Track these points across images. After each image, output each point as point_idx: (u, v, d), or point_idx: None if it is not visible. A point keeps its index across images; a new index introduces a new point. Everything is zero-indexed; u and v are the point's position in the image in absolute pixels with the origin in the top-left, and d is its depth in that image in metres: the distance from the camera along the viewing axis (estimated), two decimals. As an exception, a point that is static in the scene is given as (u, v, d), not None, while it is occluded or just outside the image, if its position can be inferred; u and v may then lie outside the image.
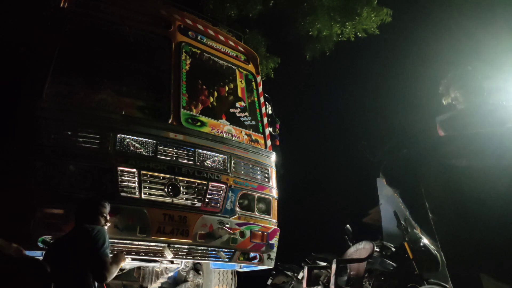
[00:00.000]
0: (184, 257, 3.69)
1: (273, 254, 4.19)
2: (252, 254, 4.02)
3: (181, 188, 3.67)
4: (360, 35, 8.35)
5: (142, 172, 3.50)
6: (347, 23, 8.10)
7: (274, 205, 4.37)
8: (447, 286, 3.71)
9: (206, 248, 3.72)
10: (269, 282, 7.24)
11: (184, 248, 3.62)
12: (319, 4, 8.03)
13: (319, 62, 9.33)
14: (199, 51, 4.49)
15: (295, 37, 8.82)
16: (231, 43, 4.91)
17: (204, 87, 4.89)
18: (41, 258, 3.16)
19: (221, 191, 3.92)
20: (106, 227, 3.08)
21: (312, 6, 8.11)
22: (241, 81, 4.84)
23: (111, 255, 3.00)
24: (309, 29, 8.28)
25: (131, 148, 3.54)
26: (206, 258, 3.80)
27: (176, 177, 3.66)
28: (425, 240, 4.25)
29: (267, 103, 4.97)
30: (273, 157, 4.57)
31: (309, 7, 8.17)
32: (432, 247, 4.20)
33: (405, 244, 4.24)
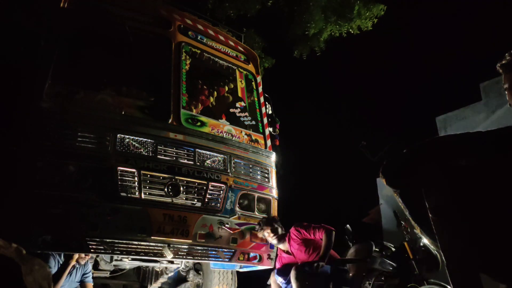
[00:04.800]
0: (184, 257, 3.69)
1: (273, 254, 4.20)
2: (252, 254, 4.02)
3: (181, 188, 3.67)
4: (352, 32, 8.31)
5: (142, 172, 3.50)
6: (339, 21, 8.08)
7: (274, 205, 4.37)
8: (447, 286, 3.71)
9: (206, 248, 3.73)
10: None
11: (184, 248, 3.62)
12: (315, 5, 8.02)
13: (318, 62, 9.34)
14: (199, 51, 4.49)
15: (291, 37, 8.80)
16: (231, 43, 4.91)
17: (204, 87, 4.89)
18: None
19: (221, 191, 3.92)
20: None
21: (308, 6, 8.10)
22: (241, 81, 4.84)
23: None
24: (305, 29, 8.27)
25: (131, 148, 3.54)
26: (206, 258, 3.81)
27: (176, 177, 3.66)
28: (425, 240, 4.23)
29: (267, 103, 4.97)
30: (273, 157, 4.57)
31: (305, 7, 8.16)
32: (432, 247, 4.19)
33: (405, 244, 4.23)
